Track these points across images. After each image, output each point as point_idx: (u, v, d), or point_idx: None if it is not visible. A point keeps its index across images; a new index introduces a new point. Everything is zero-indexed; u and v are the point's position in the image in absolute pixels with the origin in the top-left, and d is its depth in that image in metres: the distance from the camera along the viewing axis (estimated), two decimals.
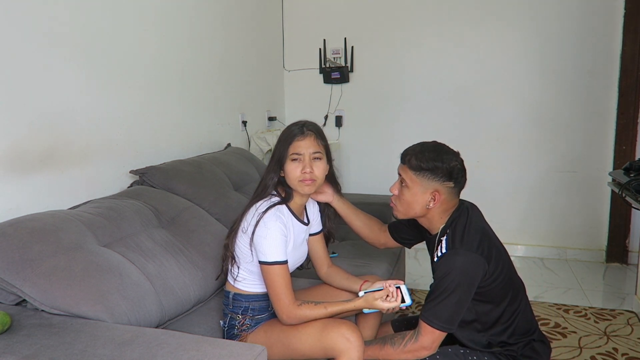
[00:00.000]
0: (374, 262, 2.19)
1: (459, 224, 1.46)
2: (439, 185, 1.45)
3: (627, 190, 2.13)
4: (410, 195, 1.48)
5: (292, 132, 1.53)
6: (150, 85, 2.35)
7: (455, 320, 1.42)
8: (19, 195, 1.68)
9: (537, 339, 1.55)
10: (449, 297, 1.39)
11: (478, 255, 1.40)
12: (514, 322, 1.50)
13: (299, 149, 1.50)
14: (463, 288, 1.39)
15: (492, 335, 1.50)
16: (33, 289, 1.35)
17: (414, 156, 1.47)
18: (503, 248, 1.52)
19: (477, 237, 1.43)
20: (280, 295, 1.44)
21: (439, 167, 1.44)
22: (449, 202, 1.49)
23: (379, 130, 3.78)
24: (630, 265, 3.36)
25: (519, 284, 1.56)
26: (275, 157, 1.54)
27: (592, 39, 3.31)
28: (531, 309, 1.59)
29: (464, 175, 1.49)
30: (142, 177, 2.13)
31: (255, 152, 3.26)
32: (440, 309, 1.40)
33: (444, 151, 1.47)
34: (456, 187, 1.48)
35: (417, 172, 1.46)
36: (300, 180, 1.50)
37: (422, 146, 1.49)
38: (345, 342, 1.38)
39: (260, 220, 1.47)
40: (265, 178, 1.56)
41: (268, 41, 3.69)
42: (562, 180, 3.49)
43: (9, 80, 1.63)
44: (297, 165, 1.50)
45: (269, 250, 1.45)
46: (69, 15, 1.85)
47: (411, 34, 3.64)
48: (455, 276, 1.38)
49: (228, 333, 1.58)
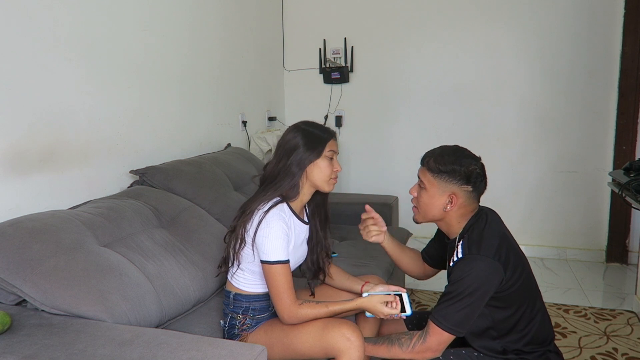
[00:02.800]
0: (374, 262, 2.19)
1: (476, 228, 1.45)
2: (456, 188, 1.45)
3: (627, 190, 2.13)
4: (427, 198, 1.49)
5: (321, 132, 1.54)
6: (151, 85, 2.35)
7: (465, 325, 1.40)
8: (19, 195, 1.68)
9: (553, 350, 1.53)
10: (462, 300, 1.37)
11: (495, 261, 1.38)
12: (531, 330, 1.47)
13: (334, 147, 1.54)
14: (477, 294, 1.37)
15: (507, 342, 1.48)
16: (33, 289, 1.35)
17: (433, 158, 1.48)
18: (522, 254, 1.51)
19: (495, 243, 1.42)
20: (282, 294, 1.44)
21: (457, 170, 1.44)
22: (467, 206, 1.48)
23: (379, 130, 3.78)
24: (630, 265, 3.36)
25: (536, 291, 1.53)
26: (294, 160, 1.50)
27: (592, 39, 3.31)
28: (549, 317, 1.56)
29: (483, 180, 1.49)
30: (142, 177, 2.13)
31: (255, 152, 3.26)
32: (451, 311, 1.38)
33: (464, 155, 1.48)
34: (474, 191, 1.47)
35: (435, 175, 1.46)
36: (332, 178, 1.53)
37: (442, 149, 1.50)
38: (345, 342, 1.38)
39: (262, 220, 1.46)
40: (284, 185, 1.51)
41: (268, 41, 3.69)
42: (562, 180, 3.49)
43: (9, 80, 1.63)
44: (329, 164, 1.52)
45: (271, 249, 1.44)
46: (69, 15, 1.85)
47: (411, 34, 3.64)
48: (471, 281, 1.37)
49: (228, 333, 1.58)
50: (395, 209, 2.93)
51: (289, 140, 1.54)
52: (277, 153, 1.57)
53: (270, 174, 1.55)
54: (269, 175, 1.56)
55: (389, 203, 2.87)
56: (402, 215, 3.24)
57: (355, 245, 2.40)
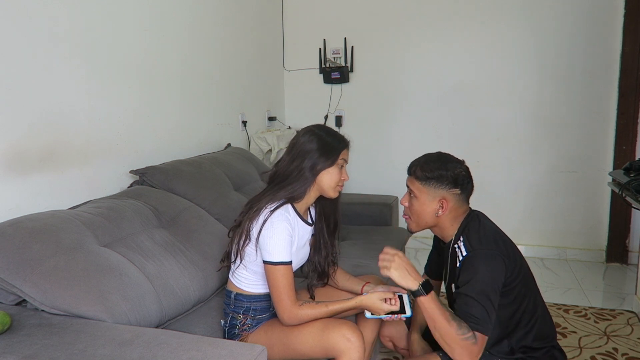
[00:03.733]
0: (374, 262, 2.17)
1: (471, 228, 1.49)
2: (445, 192, 1.49)
3: (627, 190, 2.12)
4: (419, 205, 1.52)
5: (337, 141, 1.58)
6: (151, 85, 2.35)
7: (494, 318, 1.40)
8: (19, 195, 1.68)
9: (557, 346, 1.55)
10: (487, 299, 1.37)
11: (497, 253, 1.42)
12: (534, 325, 1.49)
13: (346, 156, 1.60)
14: (491, 288, 1.39)
15: (514, 340, 1.49)
16: (33, 289, 1.35)
17: (419, 167, 1.52)
18: (516, 248, 1.53)
19: (492, 237, 1.47)
20: (283, 295, 1.44)
21: (444, 175, 1.48)
22: (458, 209, 1.52)
23: (379, 130, 3.78)
24: (630, 265, 3.36)
25: (535, 287, 1.56)
26: (308, 164, 1.52)
27: (592, 39, 3.31)
28: (549, 312, 1.58)
29: (470, 181, 1.53)
30: (142, 177, 2.13)
31: (255, 152, 3.26)
32: (483, 313, 1.37)
33: (448, 160, 1.52)
34: (463, 193, 1.51)
35: (423, 182, 1.50)
36: (339, 185, 1.58)
37: (426, 157, 1.54)
38: (346, 343, 1.38)
39: (267, 220, 1.47)
40: (295, 187, 1.52)
41: (268, 41, 3.69)
42: (562, 180, 3.49)
43: (9, 80, 1.62)
44: (339, 172, 1.57)
45: (274, 250, 1.45)
46: (68, 15, 1.85)
47: (411, 34, 3.64)
48: (484, 276, 1.39)
49: (229, 333, 1.58)
50: (395, 209, 2.93)
51: (304, 142, 1.55)
52: (290, 153, 1.56)
53: (282, 173, 1.55)
54: (280, 174, 1.56)
55: (389, 203, 2.87)
56: (402, 215, 3.24)
57: (355, 246, 2.40)
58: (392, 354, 2.24)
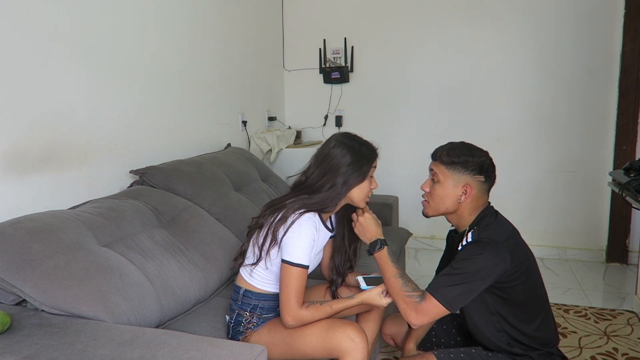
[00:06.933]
0: (374, 262, 2.18)
1: (486, 220, 1.49)
2: (470, 178, 1.48)
3: (627, 190, 2.13)
4: (442, 190, 1.51)
5: (369, 151, 1.58)
6: (150, 85, 2.35)
7: (459, 303, 1.40)
8: (19, 195, 1.68)
9: (557, 354, 1.55)
10: (463, 278, 1.38)
11: (503, 248, 1.41)
12: (538, 329, 1.49)
13: (376, 163, 1.60)
14: (480, 275, 1.38)
15: (513, 335, 1.49)
16: (33, 289, 1.35)
17: (445, 152, 1.51)
18: (531, 254, 1.52)
19: (505, 233, 1.46)
20: (291, 297, 1.44)
21: (470, 161, 1.48)
22: (479, 198, 1.51)
23: (379, 130, 3.78)
24: (630, 265, 3.36)
25: (543, 295, 1.55)
26: (341, 180, 1.51)
27: (592, 39, 3.31)
28: (554, 321, 1.57)
29: (494, 170, 1.53)
30: (142, 177, 2.13)
31: (255, 152, 3.26)
32: (448, 286, 1.39)
33: (474, 147, 1.53)
34: (487, 181, 1.51)
35: (449, 166, 1.50)
36: (369, 195, 1.59)
37: (451, 144, 1.54)
38: (350, 343, 1.39)
39: (296, 221, 1.46)
40: (326, 201, 1.52)
41: (268, 41, 3.69)
42: (562, 180, 3.49)
43: (9, 80, 1.62)
44: (369, 182, 1.57)
45: (296, 251, 1.45)
46: (69, 15, 1.85)
47: (411, 34, 3.64)
48: (477, 262, 1.39)
49: (233, 329, 1.58)
50: (395, 209, 2.93)
51: (336, 155, 1.53)
52: (320, 164, 1.54)
53: (312, 184, 1.54)
54: (310, 185, 1.54)
55: (389, 203, 2.87)
56: (402, 215, 3.24)
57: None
58: (393, 354, 2.24)
